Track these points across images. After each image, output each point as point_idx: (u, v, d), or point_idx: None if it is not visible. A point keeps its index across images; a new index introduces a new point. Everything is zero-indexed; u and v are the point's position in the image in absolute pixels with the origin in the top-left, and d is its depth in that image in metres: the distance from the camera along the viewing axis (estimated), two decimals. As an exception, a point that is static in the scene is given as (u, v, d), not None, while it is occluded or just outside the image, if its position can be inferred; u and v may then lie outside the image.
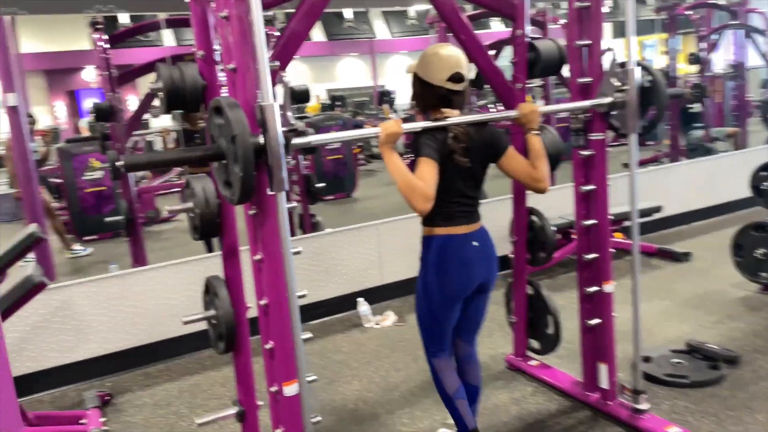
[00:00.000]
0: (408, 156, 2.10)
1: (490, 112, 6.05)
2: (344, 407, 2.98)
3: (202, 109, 1.99)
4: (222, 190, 1.79)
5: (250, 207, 1.82)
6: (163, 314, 3.58)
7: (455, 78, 2.08)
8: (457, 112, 2.13)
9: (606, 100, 2.43)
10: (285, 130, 1.70)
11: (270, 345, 1.86)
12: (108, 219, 5.12)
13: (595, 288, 2.64)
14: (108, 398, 3.22)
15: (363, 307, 4.05)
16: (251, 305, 1.99)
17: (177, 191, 7.34)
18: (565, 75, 2.78)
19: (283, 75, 3.50)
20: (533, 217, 2.97)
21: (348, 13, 12.94)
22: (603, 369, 2.68)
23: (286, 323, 1.79)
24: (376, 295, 4.21)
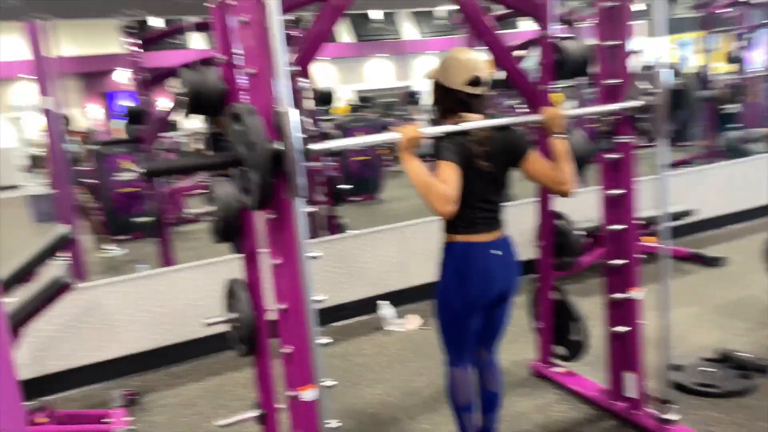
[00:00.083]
0: (429, 160, 2.07)
1: (516, 112, 5.98)
2: (365, 411, 2.98)
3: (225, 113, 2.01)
4: (241, 196, 1.80)
5: (269, 211, 1.82)
6: (188, 314, 3.62)
7: (474, 81, 2.05)
8: (478, 116, 2.10)
9: (634, 103, 2.37)
10: (303, 136, 1.70)
11: (287, 349, 1.86)
12: (136, 219, 5.21)
13: (622, 295, 2.58)
14: (135, 397, 3.27)
15: (386, 309, 4.03)
16: (272, 308, 1.99)
17: (207, 192, 7.41)
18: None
19: (304, 80, 3.52)
20: (559, 221, 2.91)
21: (377, 14, 12.97)
22: (630, 378, 2.62)
23: (304, 328, 1.79)
24: (401, 297, 4.19)
